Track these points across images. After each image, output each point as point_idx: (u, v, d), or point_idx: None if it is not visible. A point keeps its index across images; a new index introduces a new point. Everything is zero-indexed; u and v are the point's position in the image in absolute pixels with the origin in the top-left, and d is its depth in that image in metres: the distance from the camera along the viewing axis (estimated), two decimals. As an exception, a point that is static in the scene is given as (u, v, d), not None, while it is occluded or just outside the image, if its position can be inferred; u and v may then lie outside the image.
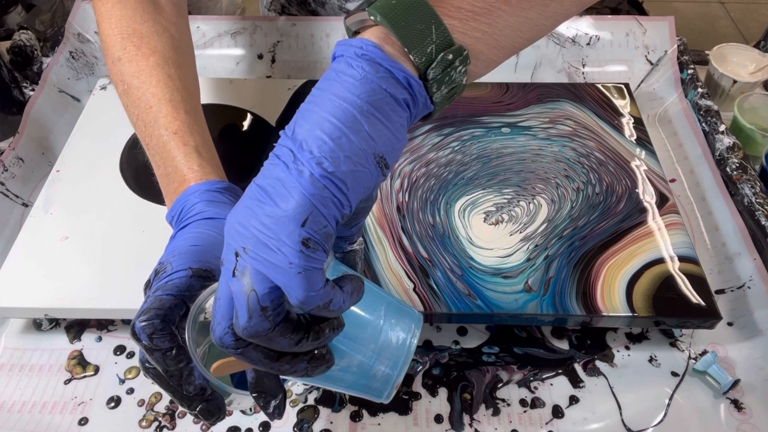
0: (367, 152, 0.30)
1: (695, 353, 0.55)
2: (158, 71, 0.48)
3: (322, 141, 0.29)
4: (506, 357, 0.55)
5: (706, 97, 0.71)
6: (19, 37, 0.76)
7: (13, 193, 0.65)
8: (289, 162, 0.30)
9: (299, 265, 0.29)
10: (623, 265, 0.55)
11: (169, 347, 0.35)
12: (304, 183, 0.29)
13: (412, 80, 0.31)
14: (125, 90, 0.48)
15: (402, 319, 0.37)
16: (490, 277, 0.54)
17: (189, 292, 0.37)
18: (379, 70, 0.30)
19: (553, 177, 0.63)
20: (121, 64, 0.48)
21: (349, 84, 0.30)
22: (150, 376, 0.38)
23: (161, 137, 0.46)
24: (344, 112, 0.30)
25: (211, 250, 0.40)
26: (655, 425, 0.50)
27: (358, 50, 0.31)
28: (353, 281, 0.32)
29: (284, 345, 0.31)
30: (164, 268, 0.39)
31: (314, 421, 0.51)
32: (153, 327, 0.35)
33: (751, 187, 0.61)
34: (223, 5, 1.52)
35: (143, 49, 0.48)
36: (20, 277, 0.54)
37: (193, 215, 0.42)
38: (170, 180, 0.45)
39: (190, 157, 0.45)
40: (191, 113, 0.47)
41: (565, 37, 0.80)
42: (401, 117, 0.32)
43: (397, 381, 0.36)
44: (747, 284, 0.57)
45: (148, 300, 0.37)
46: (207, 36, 0.80)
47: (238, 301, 0.30)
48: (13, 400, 0.52)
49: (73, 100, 0.76)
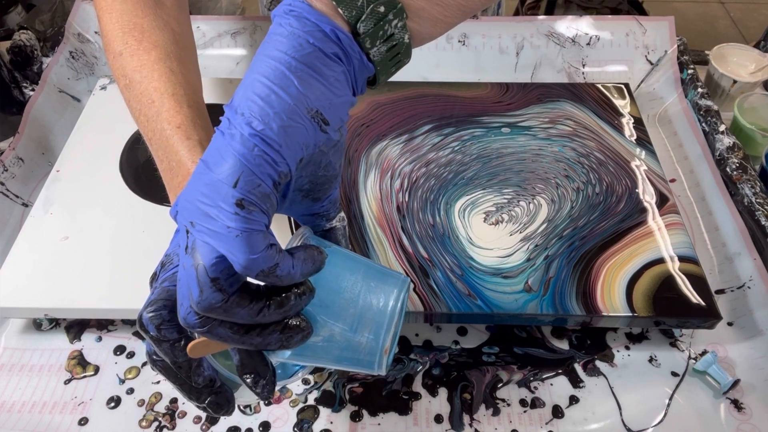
0: (299, 108, 0.30)
1: (695, 353, 0.55)
2: (160, 65, 0.47)
3: (252, 102, 0.29)
4: (506, 357, 0.55)
5: (706, 97, 0.71)
6: (19, 37, 0.76)
7: (13, 193, 0.65)
8: (225, 129, 0.30)
9: (237, 228, 0.28)
10: (623, 265, 0.55)
11: (177, 338, 0.35)
12: (235, 145, 0.29)
13: (340, 33, 0.31)
14: (127, 84, 0.48)
15: (384, 283, 0.36)
16: (490, 277, 0.54)
17: None
18: (306, 25, 0.30)
19: (553, 177, 0.63)
20: (122, 59, 0.48)
21: (277, 42, 0.30)
22: (157, 368, 0.37)
23: (164, 131, 0.45)
24: (273, 69, 0.30)
25: None
26: (655, 425, 0.50)
27: (286, 8, 0.31)
28: (308, 249, 0.32)
29: (245, 316, 0.30)
30: (171, 260, 0.38)
31: (314, 421, 0.51)
32: (161, 318, 0.35)
33: (751, 187, 0.61)
34: (223, 5, 1.52)
35: (145, 43, 0.48)
36: (20, 277, 0.54)
37: None
38: (174, 174, 0.45)
39: (193, 150, 0.45)
40: (194, 107, 0.47)
41: (565, 37, 0.80)
42: (335, 71, 0.31)
43: (384, 347, 0.35)
44: (747, 284, 0.57)
45: (155, 291, 0.37)
46: (207, 36, 0.80)
47: (190, 277, 0.29)
48: (13, 400, 0.52)
49: (73, 100, 0.76)
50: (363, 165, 0.64)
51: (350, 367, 0.36)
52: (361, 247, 0.56)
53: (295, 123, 0.30)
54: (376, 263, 0.38)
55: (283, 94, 0.30)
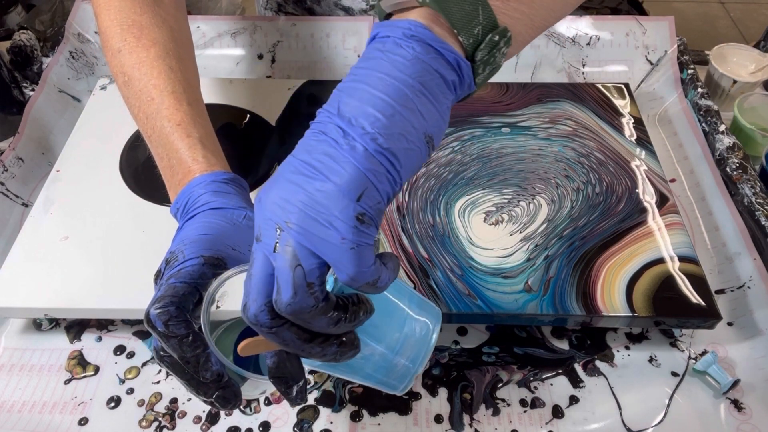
0: (419, 131, 0.30)
1: (695, 353, 0.55)
2: (159, 63, 0.47)
3: (375, 117, 0.29)
4: (506, 357, 0.55)
5: (706, 97, 0.71)
6: (19, 37, 0.76)
7: (13, 193, 0.65)
8: (339, 138, 0.29)
9: (352, 240, 0.28)
10: (623, 265, 0.55)
11: (185, 333, 0.35)
12: (358, 157, 0.29)
13: (462, 62, 0.31)
14: (126, 82, 0.48)
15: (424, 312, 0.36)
16: (490, 277, 0.54)
17: (202, 280, 0.37)
18: (430, 51, 0.30)
19: (553, 177, 0.63)
20: (121, 56, 0.48)
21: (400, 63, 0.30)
22: (165, 365, 0.37)
23: (164, 129, 0.45)
24: (396, 90, 0.30)
25: (222, 239, 0.40)
26: (655, 425, 0.50)
27: (407, 31, 0.30)
28: (393, 258, 0.32)
29: (323, 325, 0.30)
30: (176, 257, 0.39)
31: (314, 421, 0.51)
32: (168, 314, 0.35)
33: (751, 187, 0.61)
34: (223, 5, 1.52)
35: (143, 40, 0.48)
36: (20, 277, 0.54)
37: (199, 206, 0.42)
38: (174, 172, 0.45)
39: (194, 148, 0.45)
40: (194, 105, 0.47)
41: (565, 37, 0.80)
42: (447, 99, 0.32)
43: (417, 374, 0.36)
44: (747, 284, 0.57)
45: (161, 288, 0.37)
46: (207, 36, 0.80)
47: (281, 277, 0.29)
48: (13, 400, 0.52)
49: (73, 100, 0.76)
50: (363, 165, 0.63)
51: (375, 384, 0.37)
52: (361, 247, 0.56)
53: (414, 146, 0.30)
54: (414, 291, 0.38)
55: (408, 116, 0.30)
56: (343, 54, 0.80)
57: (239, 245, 0.40)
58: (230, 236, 0.40)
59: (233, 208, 0.42)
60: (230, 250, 0.39)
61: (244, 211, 0.42)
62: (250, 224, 0.42)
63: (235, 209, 0.42)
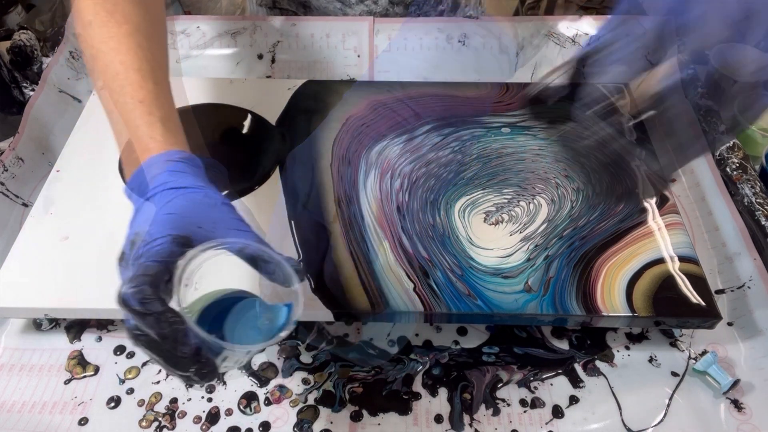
0: None
1: (695, 353, 0.55)
2: (129, 39, 0.47)
3: None
4: (506, 357, 0.55)
5: (706, 97, 0.71)
6: (19, 37, 0.76)
7: (13, 193, 0.65)
8: None
9: None
10: (623, 265, 0.55)
11: (162, 310, 0.35)
12: None
13: None
14: (93, 55, 0.48)
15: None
16: (490, 277, 0.54)
17: (171, 258, 0.37)
18: None
19: (553, 177, 0.63)
20: (91, 29, 0.48)
21: None
22: (141, 343, 0.37)
23: (126, 105, 0.45)
24: None
25: (186, 218, 0.40)
26: (655, 425, 0.50)
27: None
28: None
29: None
30: (141, 237, 0.38)
31: (314, 421, 0.51)
32: (143, 292, 0.35)
33: (751, 187, 0.61)
34: (223, 5, 1.52)
35: (116, 16, 0.48)
36: (20, 277, 0.54)
37: (157, 185, 0.42)
38: (131, 149, 0.44)
39: (153, 126, 0.44)
40: (159, 84, 0.47)
41: (565, 37, 0.80)
42: None
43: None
44: (747, 284, 0.57)
45: (132, 268, 0.37)
46: (207, 36, 0.80)
47: None
48: (13, 400, 0.52)
49: (73, 100, 0.76)
50: (363, 165, 0.64)
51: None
52: (361, 247, 0.56)
53: None
54: None
55: None
56: (343, 54, 0.80)
57: (203, 223, 0.40)
58: (193, 215, 0.40)
59: (192, 187, 0.42)
60: (195, 228, 0.40)
61: (203, 190, 0.42)
62: (211, 202, 0.42)
63: (194, 188, 0.42)
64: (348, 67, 0.80)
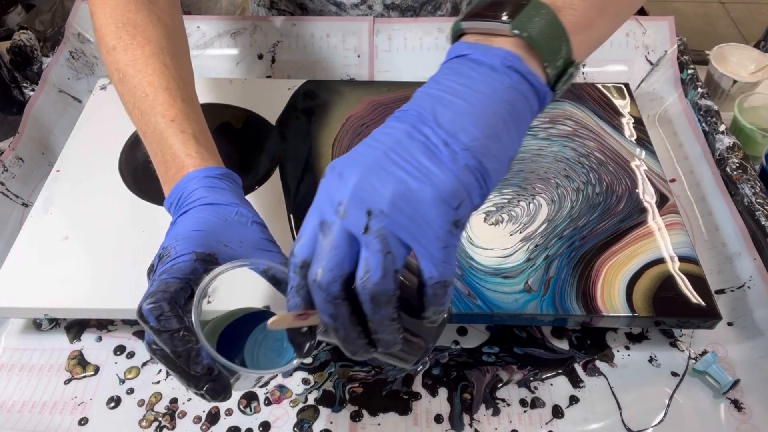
0: (507, 155, 0.33)
1: (695, 353, 0.55)
2: (154, 60, 0.48)
3: (474, 135, 0.31)
4: (506, 357, 0.55)
5: (706, 97, 0.71)
6: (19, 37, 0.76)
7: (13, 193, 0.65)
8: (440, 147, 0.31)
9: (446, 240, 0.31)
10: (623, 265, 0.55)
11: (176, 328, 0.36)
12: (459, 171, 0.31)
13: (548, 96, 0.34)
14: (121, 79, 0.48)
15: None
16: (490, 277, 0.54)
17: (193, 276, 0.38)
18: (523, 82, 0.33)
19: (553, 177, 0.63)
20: (116, 53, 0.49)
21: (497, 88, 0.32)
22: (157, 357, 0.38)
23: (158, 125, 0.46)
24: (494, 112, 0.32)
25: (214, 235, 0.40)
26: (655, 425, 0.50)
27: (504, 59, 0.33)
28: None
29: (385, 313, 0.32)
30: (168, 252, 0.39)
31: (314, 421, 0.51)
32: (160, 309, 0.35)
33: (751, 187, 0.61)
34: (223, 5, 1.52)
35: (138, 38, 0.49)
36: (20, 277, 0.54)
37: (192, 201, 0.43)
38: (168, 167, 0.45)
39: (187, 144, 0.45)
40: (187, 101, 0.48)
41: (565, 37, 0.80)
42: (527, 125, 0.35)
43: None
44: (747, 284, 0.57)
45: (153, 283, 0.37)
46: (207, 36, 0.80)
47: (373, 259, 0.30)
48: (13, 400, 0.52)
49: (73, 100, 0.76)
50: (363, 165, 0.63)
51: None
52: (361, 247, 0.56)
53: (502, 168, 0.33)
54: None
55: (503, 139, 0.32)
56: (343, 54, 0.80)
57: (230, 241, 0.41)
58: (222, 232, 0.41)
59: (226, 204, 0.43)
60: (222, 246, 0.40)
61: (236, 207, 0.43)
62: (242, 220, 0.42)
63: (228, 205, 0.43)
64: (348, 67, 0.80)
